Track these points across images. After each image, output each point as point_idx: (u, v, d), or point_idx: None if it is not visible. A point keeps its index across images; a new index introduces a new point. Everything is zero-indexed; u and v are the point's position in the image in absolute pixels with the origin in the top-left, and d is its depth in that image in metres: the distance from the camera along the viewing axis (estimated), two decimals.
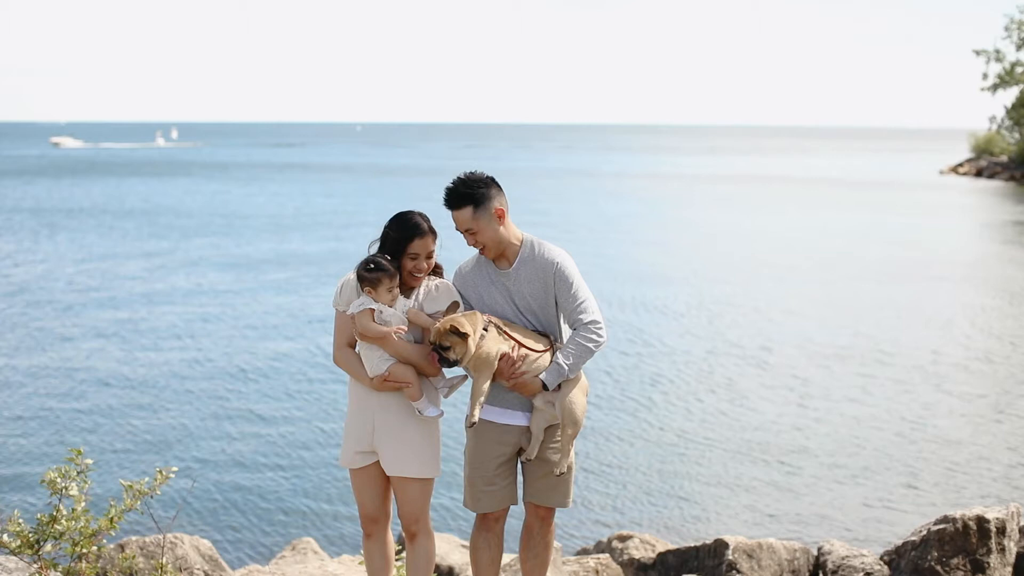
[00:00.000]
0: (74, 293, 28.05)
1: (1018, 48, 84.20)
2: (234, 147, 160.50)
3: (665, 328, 23.63)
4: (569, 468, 6.11)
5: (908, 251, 36.90)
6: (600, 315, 6.00)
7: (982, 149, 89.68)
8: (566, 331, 6.09)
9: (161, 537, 8.28)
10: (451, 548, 10.04)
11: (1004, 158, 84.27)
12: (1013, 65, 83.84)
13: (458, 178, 5.99)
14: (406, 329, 5.93)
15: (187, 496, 13.37)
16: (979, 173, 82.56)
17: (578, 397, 5.98)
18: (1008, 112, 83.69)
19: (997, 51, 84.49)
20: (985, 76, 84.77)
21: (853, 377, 19.36)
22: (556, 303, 6.02)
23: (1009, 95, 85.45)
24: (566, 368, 5.88)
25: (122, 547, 8.24)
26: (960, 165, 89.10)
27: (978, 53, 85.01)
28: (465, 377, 6.08)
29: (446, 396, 6.05)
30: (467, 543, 8.45)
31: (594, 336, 5.93)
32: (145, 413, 17.36)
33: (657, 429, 16.53)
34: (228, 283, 29.82)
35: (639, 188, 70.72)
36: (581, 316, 5.94)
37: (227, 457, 15.32)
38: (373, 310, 5.87)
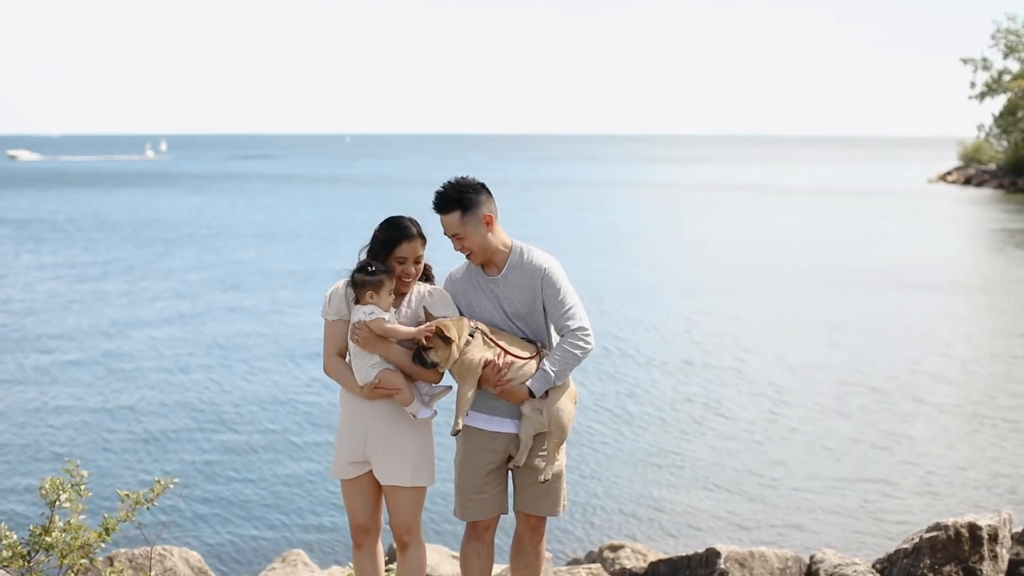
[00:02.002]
0: (59, 306, 27.97)
1: (1005, 56, 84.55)
2: (210, 159, 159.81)
3: (651, 338, 23.62)
4: (559, 476, 6.08)
5: (893, 260, 36.92)
6: (587, 322, 5.98)
7: (970, 157, 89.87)
8: (555, 337, 6.08)
9: (150, 549, 8.23)
10: (442, 559, 10.01)
11: (992, 166, 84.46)
12: (1000, 73, 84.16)
13: (448, 182, 5.98)
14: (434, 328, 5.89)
15: (176, 508, 13.31)
16: (967, 181, 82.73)
17: (566, 404, 5.95)
18: (996, 120, 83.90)
19: (984, 59, 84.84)
20: (973, 84, 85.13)
21: (832, 386, 19.36)
22: (544, 309, 6.00)
23: (997, 103, 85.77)
24: (552, 375, 5.86)
25: (111, 559, 8.20)
26: (948, 173, 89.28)
27: (965, 61, 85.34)
28: (449, 387, 6.06)
29: (427, 404, 6.01)
30: (458, 554, 8.41)
31: (581, 343, 5.91)
32: (132, 425, 17.29)
33: (647, 439, 16.51)
34: (215, 296, 29.75)
35: (623, 197, 70.77)
36: (568, 323, 5.93)
37: (216, 469, 15.27)
38: (385, 319, 5.84)
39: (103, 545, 6.86)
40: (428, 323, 5.87)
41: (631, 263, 36.06)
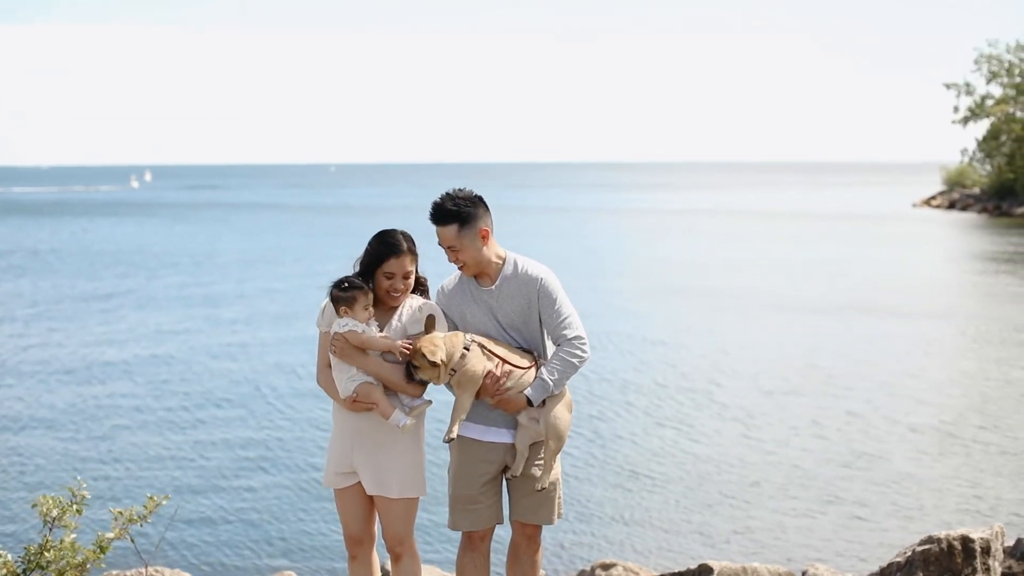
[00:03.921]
0: (40, 332, 27.89)
1: (988, 81, 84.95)
2: (195, 189, 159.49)
3: (628, 360, 23.62)
4: (554, 484, 6.10)
5: (874, 283, 36.89)
6: (584, 331, 6.03)
7: (954, 181, 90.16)
8: (551, 347, 6.10)
9: (143, 570, 8.21)
10: None
11: (976, 190, 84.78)
12: (983, 98, 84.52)
13: (446, 194, 6.01)
14: (408, 346, 5.90)
15: (168, 529, 13.26)
16: (952, 205, 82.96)
17: (562, 413, 5.98)
18: (979, 144, 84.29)
19: (967, 84, 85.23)
20: (956, 109, 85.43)
21: (809, 409, 19.35)
22: (540, 319, 6.03)
23: (980, 128, 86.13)
24: (551, 384, 5.89)
25: None
26: (933, 198, 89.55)
27: (948, 87, 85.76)
28: (430, 402, 6.07)
29: (408, 414, 6.01)
30: (453, 573, 8.40)
31: (578, 352, 5.95)
32: (119, 448, 17.22)
33: (637, 456, 16.50)
34: (200, 321, 29.67)
35: (605, 223, 70.84)
36: (565, 332, 5.96)
37: (206, 489, 15.21)
38: (359, 331, 5.87)
39: (102, 565, 6.81)
40: (412, 340, 5.89)
41: (610, 287, 35.98)
